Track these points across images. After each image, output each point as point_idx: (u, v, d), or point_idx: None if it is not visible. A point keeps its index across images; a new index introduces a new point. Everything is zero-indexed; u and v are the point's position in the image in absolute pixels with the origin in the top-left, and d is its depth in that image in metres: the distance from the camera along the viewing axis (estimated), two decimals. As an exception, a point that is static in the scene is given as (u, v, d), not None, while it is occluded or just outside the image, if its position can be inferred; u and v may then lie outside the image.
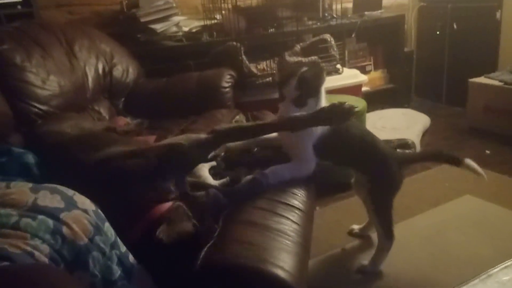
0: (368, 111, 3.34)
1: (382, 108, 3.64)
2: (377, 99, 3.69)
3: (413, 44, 4.16)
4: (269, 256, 1.22)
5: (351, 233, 2.07)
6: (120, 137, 1.61)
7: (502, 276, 1.22)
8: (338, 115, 1.42)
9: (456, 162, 1.70)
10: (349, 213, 2.26)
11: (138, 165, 1.27)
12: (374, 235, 2.01)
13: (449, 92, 3.92)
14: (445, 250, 1.94)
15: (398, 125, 3.21)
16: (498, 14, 3.47)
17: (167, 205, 1.20)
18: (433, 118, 3.49)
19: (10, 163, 1.41)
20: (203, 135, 1.43)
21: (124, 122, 2.24)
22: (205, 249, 1.23)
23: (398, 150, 2.76)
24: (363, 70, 3.65)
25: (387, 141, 2.87)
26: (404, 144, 2.83)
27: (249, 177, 1.53)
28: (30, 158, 1.43)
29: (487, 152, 2.95)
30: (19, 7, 2.41)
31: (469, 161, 1.67)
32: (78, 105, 2.14)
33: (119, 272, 1.09)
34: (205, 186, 1.48)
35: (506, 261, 1.22)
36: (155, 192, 1.24)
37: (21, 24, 2.15)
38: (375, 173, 1.67)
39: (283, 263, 1.22)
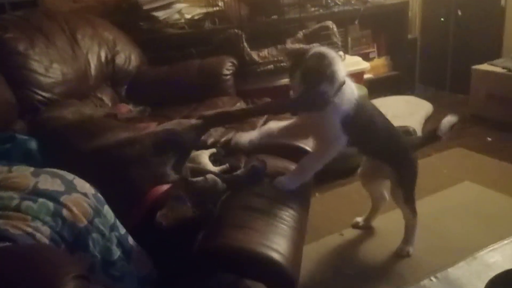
0: (371, 98, 3.35)
1: (386, 95, 3.63)
2: (381, 86, 3.68)
3: (417, 31, 4.13)
4: (264, 240, 1.27)
5: (356, 226, 2.08)
6: (119, 123, 1.64)
7: (488, 259, 1.24)
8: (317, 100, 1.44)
9: (434, 138, 1.78)
10: (348, 200, 2.29)
11: (134, 152, 1.32)
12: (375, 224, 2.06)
13: (453, 79, 3.90)
14: (441, 236, 1.96)
15: (401, 112, 3.21)
16: (502, 1, 3.43)
17: (164, 187, 1.24)
18: (436, 106, 3.48)
19: (14, 149, 1.45)
20: (193, 120, 1.47)
21: (126, 109, 2.27)
22: (203, 232, 1.27)
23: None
24: (367, 57, 3.63)
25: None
26: (405, 131, 2.83)
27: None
28: (33, 144, 1.47)
29: (489, 139, 2.96)
30: (23, -5, 2.43)
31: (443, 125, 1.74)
32: (81, 93, 2.18)
33: (118, 253, 1.13)
34: (204, 172, 1.52)
35: (493, 244, 1.25)
36: (152, 176, 1.28)
37: (25, 13, 2.19)
38: (402, 164, 1.73)
39: (278, 246, 1.26)
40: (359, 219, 2.08)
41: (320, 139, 1.59)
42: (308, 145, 1.81)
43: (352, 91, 1.53)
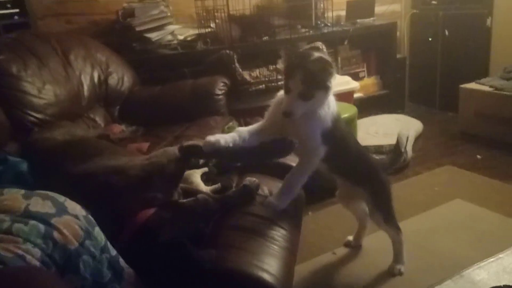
0: (361, 117, 3.41)
1: (376, 114, 3.69)
2: (371, 105, 3.74)
3: (406, 50, 4.22)
4: (255, 260, 1.27)
5: (348, 245, 2.08)
6: (109, 145, 1.64)
7: (474, 276, 1.25)
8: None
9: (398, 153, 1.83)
10: (341, 218, 2.29)
11: (120, 181, 1.32)
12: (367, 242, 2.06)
13: (442, 98, 3.96)
14: (433, 253, 1.97)
15: (391, 130, 3.24)
16: (488, 21, 3.52)
17: (152, 210, 1.24)
18: (426, 123, 3.53)
19: (5, 172, 1.45)
20: (177, 151, 1.47)
21: (119, 129, 2.28)
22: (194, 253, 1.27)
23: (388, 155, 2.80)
24: (356, 77, 3.70)
25: (379, 146, 2.92)
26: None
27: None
28: (24, 166, 1.47)
29: (479, 156, 3.00)
30: (16, 17, 2.46)
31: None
32: (73, 113, 2.19)
33: (109, 275, 1.13)
34: (195, 192, 1.52)
35: (480, 262, 1.26)
36: (140, 200, 1.28)
37: (18, 35, 2.20)
38: (374, 186, 1.73)
39: (269, 267, 1.26)
40: (351, 238, 2.09)
41: (301, 149, 1.54)
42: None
43: (333, 105, 1.54)
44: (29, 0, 2.50)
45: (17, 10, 2.45)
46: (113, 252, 1.16)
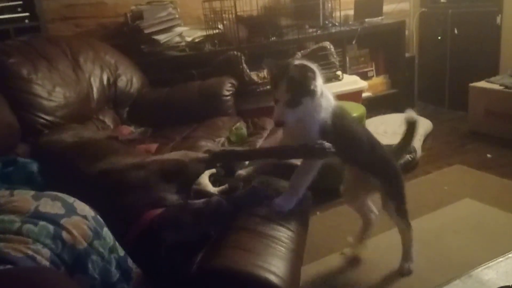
0: (370, 117, 3.39)
1: (385, 113, 3.67)
2: (380, 104, 3.72)
3: (415, 49, 4.19)
4: (262, 262, 1.27)
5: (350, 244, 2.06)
6: (120, 146, 1.67)
7: (483, 276, 1.24)
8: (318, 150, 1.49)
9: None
10: (349, 218, 2.28)
11: (139, 177, 1.34)
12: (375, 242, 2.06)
13: (451, 97, 3.93)
14: (442, 252, 1.96)
15: (400, 130, 3.22)
16: (498, 19, 3.49)
17: (159, 211, 1.25)
18: (436, 122, 3.51)
19: (16, 172, 1.48)
20: (200, 154, 1.51)
21: (128, 131, 2.31)
22: (201, 254, 1.28)
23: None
24: (365, 76, 3.69)
25: (388, 146, 2.89)
26: (404, 148, 2.85)
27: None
28: (35, 167, 1.49)
29: (488, 155, 2.97)
30: (26, 21, 2.49)
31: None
32: (83, 115, 2.22)
33: (118, 275, 1.14)
34: (208, 194, 1.54)
35: (488, 262, 1.25)
36: (151, 200, 1.29)
37: (28, 38, 2.24)
38: (388, 174, 1.75)
39: (276, 268, 1.26)
40: (351, 239, 2.05)
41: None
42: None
43: (328, 100, 1.56)
44: (39, 4, 2.53)
45: (27, 14, 2.49)
46: (122, 252, 1.18)
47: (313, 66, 1.48)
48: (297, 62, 1.51)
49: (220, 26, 3.05)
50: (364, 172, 1.77)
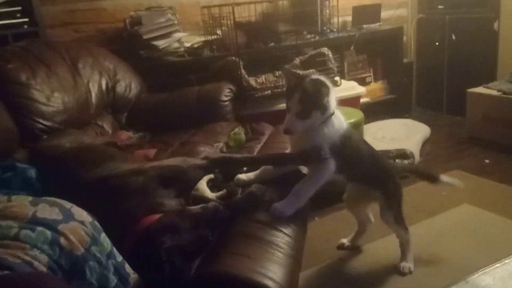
0: (369, 122, 3.40)
1: (383, 118, 3.68)
2: (378, 110, 3.74)
3: (413, 55, 4.21)
4: (260, 267, 1.27)
5: (342, 247, 2.10)
6: (118, 151, 1.67)
7: (479, 282, 1.24)
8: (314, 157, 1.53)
9: (432, 179, 1.89)
10: (348, 224, 2.29)
11: (138, 183, 1.35)
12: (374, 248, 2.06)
13: (449, 102, 3.95)
14: (440, 258, 1.96)
15: (398, 135, 3.24)
16: (495, 25, 3.51)
17: (156, 216, 1.25)
18: (434, 128, 3.52)
19: (14, 178, 1.48)
20: (198, 160, 1.52)
21: (126, 136, 2.31)
22: (199, 259, 1.28)
23: (396, 160, 2.80)
24: (363, 82, 3.70)
25: (386, 151, 2.91)
26: (402, 154, 2.86)
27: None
28: (33, 172, 1.49)
29: (486, 161, 2.97)
30: (25, 26, 2.49)
31: (445, 177, 1.85)
32: (82, 121, 2.22)
33: (115, 281, 1.14)
34: (204, 200, 1.54)
35: (485, 267, 1.25)
36: (149, 205, 1.29)
37: (27, 44, 2.24)
38: (388, 188, 1.78)
39: (273, 274, 1.26)
40: (345, 241, 2.11)
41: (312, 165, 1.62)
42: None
43: (340, 122, 1.61)
44: (38, 10, 2.54)
45: (26, 20, 2.49)
46: (119, 257, 1.18)
47: (328, 83, 1.53)
48: (314, 76, 1.56)
49: (219, 32, 3.06)
50: (366, 186, 1.82)
